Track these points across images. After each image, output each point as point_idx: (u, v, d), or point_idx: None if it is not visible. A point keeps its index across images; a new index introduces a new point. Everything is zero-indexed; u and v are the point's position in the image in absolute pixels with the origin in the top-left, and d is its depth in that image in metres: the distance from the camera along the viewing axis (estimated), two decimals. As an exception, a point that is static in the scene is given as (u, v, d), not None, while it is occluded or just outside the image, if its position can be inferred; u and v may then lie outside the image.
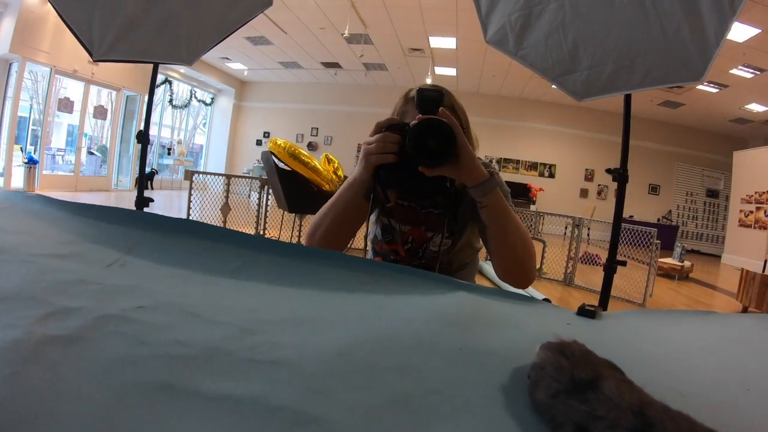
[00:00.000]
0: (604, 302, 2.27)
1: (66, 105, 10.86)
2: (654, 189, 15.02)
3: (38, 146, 10.33)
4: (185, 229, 0.87)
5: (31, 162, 9.88)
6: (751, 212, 10.78)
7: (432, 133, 1.04)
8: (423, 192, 1.33)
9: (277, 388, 0.44)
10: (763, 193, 10.46)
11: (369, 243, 1.53)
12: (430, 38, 10.89)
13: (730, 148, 13.05)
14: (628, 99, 2.13)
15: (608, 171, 2.23)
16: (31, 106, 10.41)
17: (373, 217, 1.51)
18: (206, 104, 16.92)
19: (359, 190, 1.19)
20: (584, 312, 0.80)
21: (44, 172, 10.37)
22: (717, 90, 11.07)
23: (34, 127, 10.65)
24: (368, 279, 0.78)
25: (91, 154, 12.26)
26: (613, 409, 0.39)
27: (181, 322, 0.55)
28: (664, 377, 0.53)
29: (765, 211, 10.31)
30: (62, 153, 12.16)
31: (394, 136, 1.10)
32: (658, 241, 6.18)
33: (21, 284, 0.61)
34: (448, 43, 11.03)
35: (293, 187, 5.05)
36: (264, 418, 0.40)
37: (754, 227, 10.59)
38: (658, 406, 0.39)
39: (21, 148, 10.11)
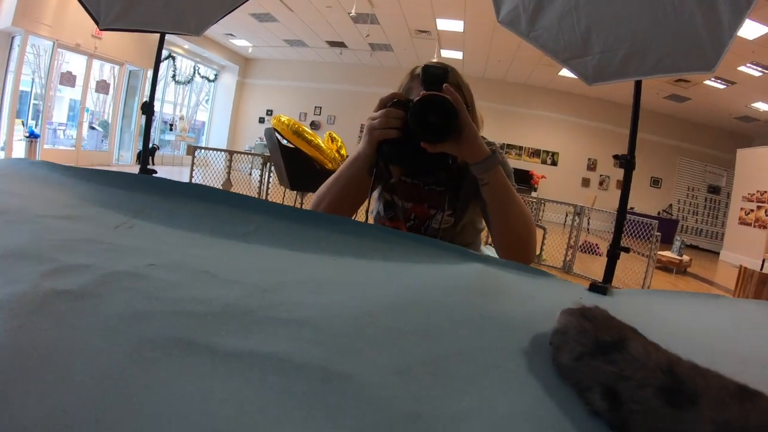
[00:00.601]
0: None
1: (68, 79, 10.79)
2: (656, 182, 14.94)
3: (40, 120, 10.27)
4: (193, 193, 0.85)
5: (33, 136, 9.83)
6: (752, 211, 10.71)
7: (434, 109, 1.04)
8: (425, 168, 1.33)
9: (302, 346, 0.42)
10: (765, 192, 10.39)
11: (372, 219, 1.53)
12: (438, 20, 10.78)
13: (734, 145, 12.90)
14: (638, 86, 2.11)
15: (615, 157, 2.24)
16: (32, 80, 10.32)
17: (375, 193, 1.51)
18: (209, 80, 16.81)
19: (362, 165, 1.19)
20: (596, 288, 0.80)
21: (45, 146, 10.33)
22: (724, 86, 10.95)
23: (36, 102, 10.58)
24: (382, 246, 0.76)
25: (93, 128, 12.21)
26: (640, 369, 0.38)
27: (196, 280, 0.53)
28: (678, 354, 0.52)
29: (766, 210, 10.25)
30: (64, 128, 12.07)
31: (397, 112, 1.10)
32: (659, 234, 6.18)
33: (26, 242, 0.59)
34: (455, 26, 10.91)
35: (296, 164, 5.03)
36: (290, 375, 0.38)
37: (754, 226, 10.54)
38: (687, 364, 0.38)
39: (22, 122, 10.06)
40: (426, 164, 1.15)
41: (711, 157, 14.80)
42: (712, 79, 10.57)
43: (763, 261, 8.05)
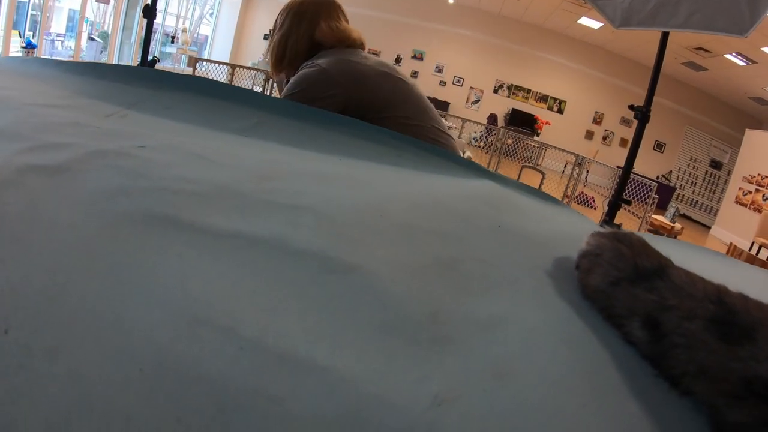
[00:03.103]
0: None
1: (68, -14, 10.42)
2: (659, 146, 14.53)
3: (37, 31, 10.00)
4: (193, 86, 0.79)
5: (30, 47, 9.59)
6: (750, 192, 10.47)
7: None
8: None
9: (302, 232, 0.38)
10: (766, 177, 10.20)
11: None
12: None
13: (743, 124, 12.47)
14: (664, 38, 2.03)
15: (631, 107, 2.21)
16: (31, -11, 9.99)
17: None
18: (215, -7, 16.24)
19: None
20: (608, 225, 0.78)
21: (42, 57, 10.09)
22: (744, 63, 10.44)
23: (34, 12, 10.25)
24: (392, 152, 0.72)
25: (92, 39, 11.89)
26: (686, 298, 0.33)
27: (188, 162, 0.48)
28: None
29: (763, 195, 10.07)
30: (62, 38, 11.72)
31: None
32: (656, 197, 6.14)
33: (5, 125, 0.54)
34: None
35: (300, 82, 4.89)
36: (286, 260, 0.33)
37: (749, 208, 10.32)
38: (737, 294, 0.33)
39: (19, 33, 9.78)
40: None
41: (718, 131, 14.30)
42: (734, 54, 10.11)
43: (752, 243, 8.07)
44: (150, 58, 3.74)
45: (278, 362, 0.25)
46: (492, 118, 14.25)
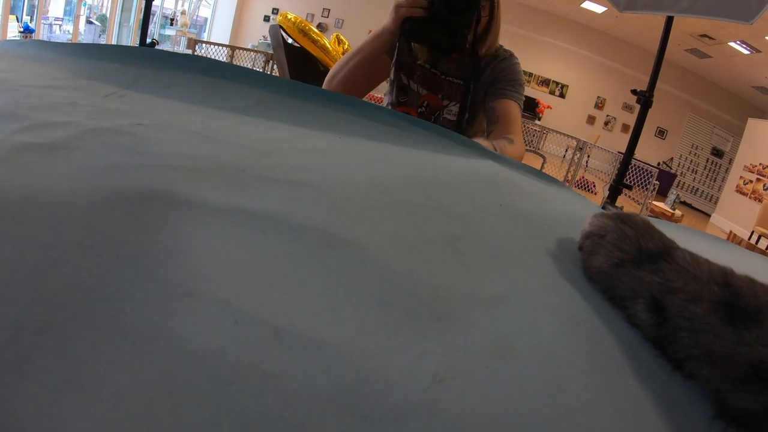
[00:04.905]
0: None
1: (65, -31, 10.35)
2: (661, 132, 14.42)
3: (35, 15, 9.94)
4: (193, 66, 0.79)
5: (27, 31, 9.54)
6: (751, 182, 10.42)
7: None
8: (447, 45, 1.30)
9: (302, 207, 0.37)
10: None
11: (387, 100, 1.57)
12: None
13: (746, 113, 12.40)
14: (669, 23, 2.01)
15: (633, 92, 2.22)
16: (28, -27, 9.92)
17: (391, 76, 1.51)
18: (214, -26, 16.10)
19: (386, 40, 1.24)
20: (610, 206, 0.77)
21: (42, 40, 10.02)
22: (748, 52, 10.37)
23: (32, -4, 10.22)
24: (393, 131, 0.71)
25: (90, 23, 11.83)
26: (692, 281, 0.33)
27: (187, 139, 0.47)
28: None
29: (764, 185, 9.99)
30: (60, 22, 11.65)
31: None
32: (656, 183, 6.13)
33: (1, 105, 0.53)
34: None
35: (299, 64, 4.87)
36: (286, 235, 0.33)
37: (750, 197, 10.30)
38: (743, 276, 0.33)
39: (17, 17, 9.73)
40: (448, 44, 1.19)
41: (721, 119, 14.19)
42: (738, 42, 10.05)
43: (752, 232, 8.07)
44: (149, 40, 3.73)
45: (275, 337, 0.25)
46: (494, 101, 14.18)
